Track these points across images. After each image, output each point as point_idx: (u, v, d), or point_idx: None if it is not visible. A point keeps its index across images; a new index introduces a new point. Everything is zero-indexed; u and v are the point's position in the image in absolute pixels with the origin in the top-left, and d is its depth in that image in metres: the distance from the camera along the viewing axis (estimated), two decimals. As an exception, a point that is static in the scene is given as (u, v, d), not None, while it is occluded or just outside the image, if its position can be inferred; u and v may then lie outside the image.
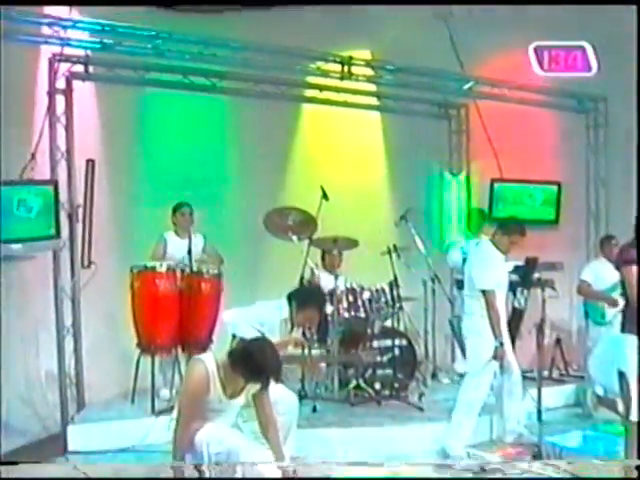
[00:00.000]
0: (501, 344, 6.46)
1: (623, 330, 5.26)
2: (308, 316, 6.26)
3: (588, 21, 8.86)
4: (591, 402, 7.94)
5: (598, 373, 7.36)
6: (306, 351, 6.71)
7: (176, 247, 7.67)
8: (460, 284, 7.77)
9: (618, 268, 5.32)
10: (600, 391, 7.78)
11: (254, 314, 6.19)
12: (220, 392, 4.87)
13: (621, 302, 5.49)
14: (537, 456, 6.25)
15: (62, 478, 4.44)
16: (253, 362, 4.75)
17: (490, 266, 6.61)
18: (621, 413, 7.77)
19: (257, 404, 5.15)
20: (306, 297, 6.29)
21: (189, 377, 4.97)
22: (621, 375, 5.31)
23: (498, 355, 6.47)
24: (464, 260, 7.55)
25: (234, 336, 5.97)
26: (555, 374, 8.97)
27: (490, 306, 6.47)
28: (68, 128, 7.34)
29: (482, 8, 9.11)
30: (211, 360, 4.89)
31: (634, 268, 5.13)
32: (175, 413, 5.03)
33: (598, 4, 8.31)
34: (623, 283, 5.27)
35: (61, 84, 7.29)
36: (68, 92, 7.35)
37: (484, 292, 6.51)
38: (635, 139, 9.12)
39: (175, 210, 7.88)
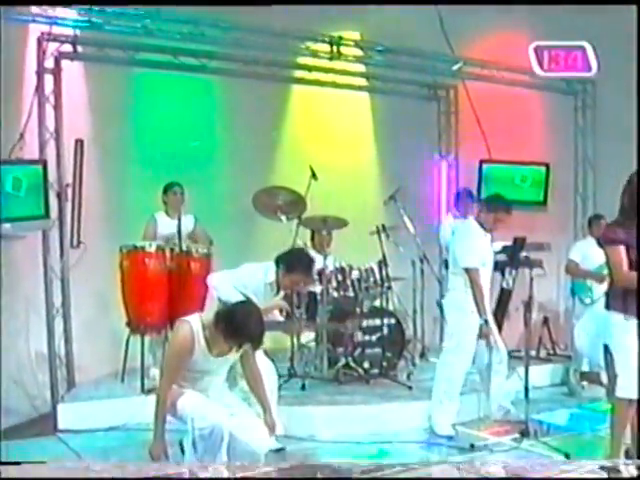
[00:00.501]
0: (486, 322, 6.49)
1: (607, 308, 5.27)
2: (295, 279, 6.18)
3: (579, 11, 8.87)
4: (574, 379, 8.04)
5: (584, 346, 7.49)
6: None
7: (167, 227, 7.67)
8: (447, 263, 7.82)
9: (602, 247, 5.32)
10: (586, 367, 7.91)
11: (238, 277, 6.12)
12: (205, 351, 4.87)
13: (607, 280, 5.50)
14: (524, 433, 6.30)
15: (62, 478, 4.46)
16: (237, 325, 4.75)
17: (473, 244, 6.63)
18: (606, 386, 7.95)
19: (244, 361, 5.19)
20: (295, 260, 6.18)
21: (174, 337, 4.97)
22: (606, 350, 5.35)
23: (483, 333, 6.51)
24: None
25: (220, 300, 5.96)
26: (542, 353, 9.05)
27: (474, 284, 6.49)
28: (57, 108, 7.34)
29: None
30: (197, 321, 4.90)
31: (618, 248, 5.13)
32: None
33: (598, 4, 8.32)
34: (608, 262, 5.28)
35: (50, 64, 7.29)
36: (57, 72, 7.35)
37: (467, 270, 6.54)
38: (623, 120, 9.23)
39: (166, 190, 7.88)
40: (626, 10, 7.67)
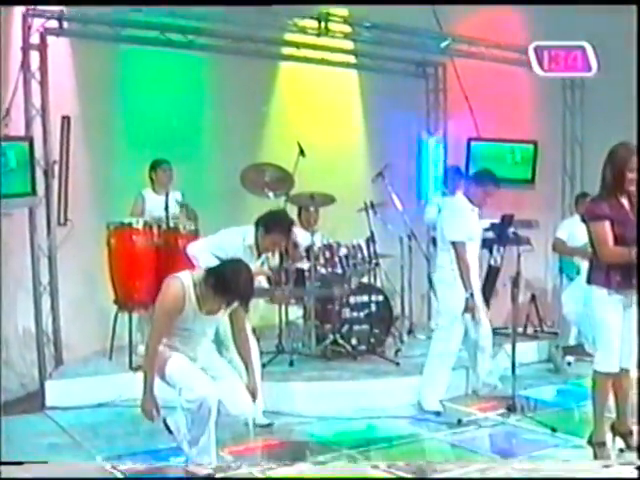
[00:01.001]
0: (471, 295, 6.50)
1: (589, 282, 5.25)
2: (275, 240, 6.18)
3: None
4: (557, 355, 8.10)
5: (572, 312, 7.59)
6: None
7: (154, 204, 7.65)
8: (435, 241, 7.84)
9: (585, 223, 5.29)
10: (572, 341, 7.97)
11: (217, 243, 6.12)
12: (196, 308, 4.86)
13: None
14: (511, 409, 6.34)
15: (63, 478, 4.48)
16: (226, 281, 4.75)
17: (460, 218, 6.64)
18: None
19: (233, 324, 5.20)
20: (273, 220, 6.16)
21: (164, 292, 4.93)
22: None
23: (469, 307, 6.52)
24: None
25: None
26: (530, 330, 9.10)
27: (460, 258, 6.50)
28: (43, 84, 7.29)
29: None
30: (187, 277, 4.90)
31: (603, 223, 5.11)
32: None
33: (598, 4, 8.29)
34: (591, 237, 5.25)
35: (35, 40, 7.22)
36: (42, 48, 7.28)
37: (454, 244, 6.55)
38: (611, 100, 9.26)
39: (154, 167, 7.86)
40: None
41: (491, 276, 8.59)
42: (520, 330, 8.60)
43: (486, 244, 7.53)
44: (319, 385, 6.79)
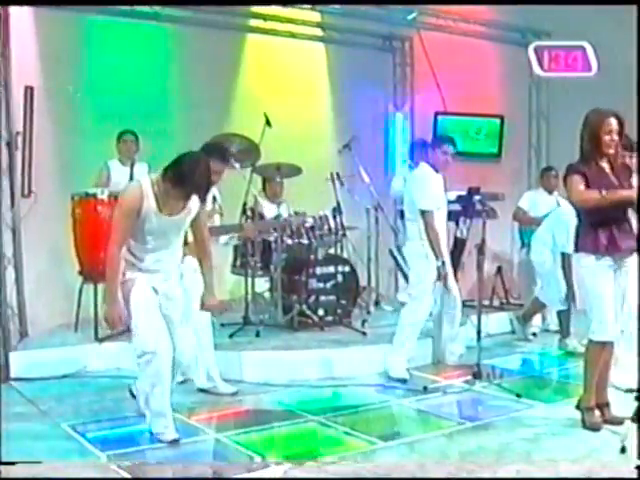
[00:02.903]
0: (443, 263, 6.53)
1: (577, 250, 5.20)
2: (214, 169, 5.67)
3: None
4: (517, 323, 8.19)
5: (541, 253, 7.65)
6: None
7: (120, 175, 7.57)
8: (403, 214, 7.86)
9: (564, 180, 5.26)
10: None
11: None
12: (155, 209, 4.80)
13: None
14: (476, 376, 6.37)
15: (62, 478, 4.45)
16: (183, 170, 4.71)
17: (428, 187, 6.65)
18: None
19: (194, 229, 5.13)
20: (209, 151, 5.77)
21: (122, 195, 4.92)
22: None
23: (442, 275, 6.55)
24: None
25: None
26: (496, 302, 9.17)
27: (429, 227, 6.52)
28: (5, 55, 7.15)
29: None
30: (146, 179, 4.87)
31: (577, 176, 5.03)
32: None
33: (598, 4, 8.30)
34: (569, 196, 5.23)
35: (-3, 9, 7.12)
36: (4, 17, 7.16)
37: (423, 213, 6.56)
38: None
39: (119, 137, 7.80)
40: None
41: (458, 248, 8.64)
42: (486, 302, 8.69)
43: (453, 216, 7.57)
44: (285, 354, 6.78)
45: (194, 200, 4.94)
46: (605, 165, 5.13)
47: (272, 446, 5.06)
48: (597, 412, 5.29)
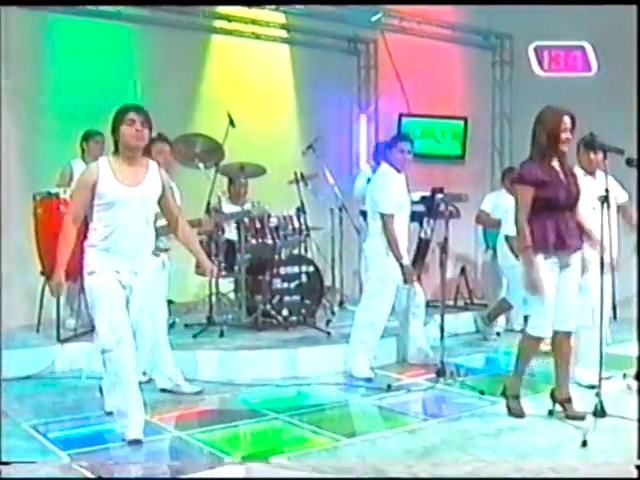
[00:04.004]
0: (402, 265, 6.54)
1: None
2: (158, 149, 5.92)
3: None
4: (481, 323, 8.25)
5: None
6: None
7: None
8: (365, 214, 7.90)
9: (512, 184, 5.35)
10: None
11: None
12: (112, 178, 4.79)
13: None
14: (440, 374, 6.39)
15: (61, 478, 4.39)
16: (116, 114, 4.84)
17: (389, 189, 6.64)
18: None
19: (165, 209, 5.13)
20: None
21: (81, 175, 4.99)
22: None
23: (408, 277, 6.57)
24: None
25: None
26: (460, 302, 9.22)
27: (387, 231, 6.53)
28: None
29: None
30: (103, 159, 4.90)
31: (528, 189, 5.12)
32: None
33: (598, 4, 8.38)
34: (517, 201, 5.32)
35: (-43, 7, 7.06)
36: (-34, 16, 7.12)
37: (382, 215, 6.57)
38: (539, 76, 9.41)
39: (86, 137, 7.73)
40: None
41: (422, 248, 8.67)
42: (450, 302, 8.75)
43: (416, 217, 7.60)
44: (249, 353, 6.75)
45: (154, 172, 4.95)
46: (556, 164, 5.21)
47: (236, 444, 5.02)
48: (559, 406, 5.37)
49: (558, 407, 5.39)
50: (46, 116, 8.31)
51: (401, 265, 6.57)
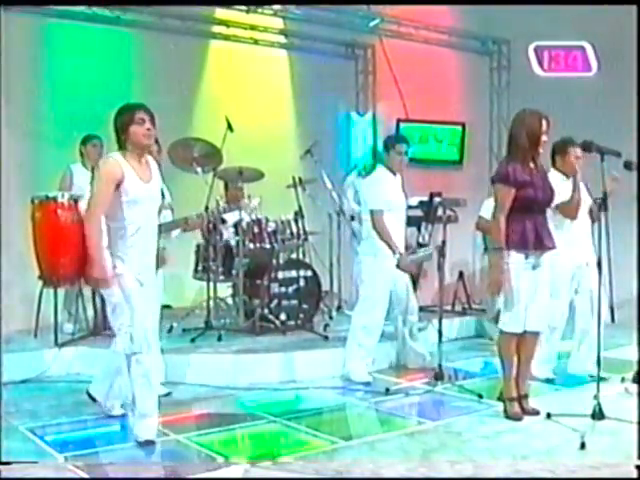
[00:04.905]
0: (400, 254, 6.49)
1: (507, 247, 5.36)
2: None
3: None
4: (489, 326, 8.25)
5: None
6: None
7: (83, 179, 7.51)
8: (354, 218, 8.10)
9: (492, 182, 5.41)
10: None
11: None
12: (133, 174, 4.80)
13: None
14: (438, 377, 6.38)
15: (61, 478, 4.39)
16: (122, 111, 4.94)
17: (379, 187, 6.62)
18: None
19: None
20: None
21: (101, 168, 4.88)
22: None
23: (402, 265, 6.49)
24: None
25: None
26: (458, 307, 9.20)
27: (377, 226, 6.50)
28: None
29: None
30: (114, 154, 4.87)
31: (508, 189, 5.21)
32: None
33: (598, 4, 8.41)
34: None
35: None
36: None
37: (371, 212, 6.55)
38: (536, 82, 9.42)
39: (85, 141, 7.71)
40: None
41: (419, 253, 8.67)
42: (448, 307, 8.74)
43: (414, 222, 7.60)
44: (247, 357, 6.73)
45: (155, 169, 5.00)
46: (532, 165, 5.31)
47: (234, 447, 5.03)
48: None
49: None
50: (45, 120, 8.31)
51: (399, 255, 6.48)
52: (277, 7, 8.98)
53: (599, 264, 5.40)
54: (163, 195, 6.08)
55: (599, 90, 9.24)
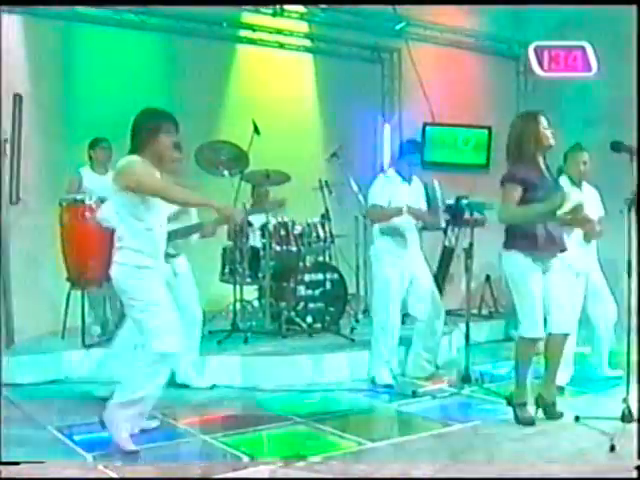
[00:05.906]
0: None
1: (507, 247, 5.30)
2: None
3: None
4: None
5: None
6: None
7: (92, 182, 7.53)
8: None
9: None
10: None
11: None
12: (159, 174, 4.85)
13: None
14: (465, 380, 6.36)
15: (62, 478, 4.42)
16: (147, 116, 4.91)
17: (380, 189, 6.62)
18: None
19: None
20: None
21: (136, 167, 4.77)
22: None
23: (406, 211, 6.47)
24: None
25: None
26: (484, 311, 9.16)
27: (371, 216, 6.59)
28: (-7, 63, 7.17)
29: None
30: (133, 157, 4.82)
31: (516, 187, 5.20)
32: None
33: (598, 4, 8.38)
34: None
35: (-13, 18, 7.14)
36: (-7, 26, 7.19)
37: (367, 210, 6.62)
38: (561, 86, 9.38)
39: (93, 145, 7.74)
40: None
41: (446, 256, 8.68)
42: (475, 311, 8.71)
43: (442, 226, 7.57)
44: (273, 359, 6.75)
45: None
46: (543, 167, 5.33)
47: (260, 447, 5.04)
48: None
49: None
50: (71, 124, 8.36)
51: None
52: (303, 10, 8.99)
53: (629, 263, 5.30)
54: None
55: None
